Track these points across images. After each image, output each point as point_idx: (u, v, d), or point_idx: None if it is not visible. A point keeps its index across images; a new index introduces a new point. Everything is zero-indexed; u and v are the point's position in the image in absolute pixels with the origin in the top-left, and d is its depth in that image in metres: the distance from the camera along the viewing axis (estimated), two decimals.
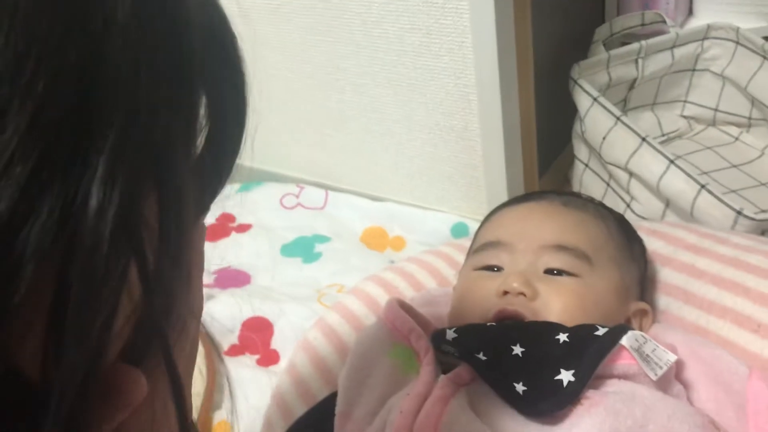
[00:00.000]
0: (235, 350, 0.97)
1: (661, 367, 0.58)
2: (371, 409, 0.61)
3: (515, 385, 0.56)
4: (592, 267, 0.66)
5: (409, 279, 0.86)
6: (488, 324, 0.62)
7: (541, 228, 0.69)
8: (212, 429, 0.89)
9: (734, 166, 1.23)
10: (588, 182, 1.18)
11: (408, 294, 0.85)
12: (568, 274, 0.65)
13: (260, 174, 1.36)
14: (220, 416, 0.90)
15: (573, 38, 1.24)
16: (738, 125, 1.29)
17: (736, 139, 1.29)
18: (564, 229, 0.68)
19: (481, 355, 0.58)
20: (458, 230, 1.11)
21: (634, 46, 1.20)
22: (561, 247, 0.66)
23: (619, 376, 0.59)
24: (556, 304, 0.63)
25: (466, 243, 0.91)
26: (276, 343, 0.96)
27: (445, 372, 0.61)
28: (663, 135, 1.32)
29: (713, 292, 0.72)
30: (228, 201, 1.16)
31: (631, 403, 0.55)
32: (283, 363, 0.94)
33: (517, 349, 0.59)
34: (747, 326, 0.67)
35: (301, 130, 1.24)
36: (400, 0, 0.97)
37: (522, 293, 0.63)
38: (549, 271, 0.66)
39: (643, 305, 0.70)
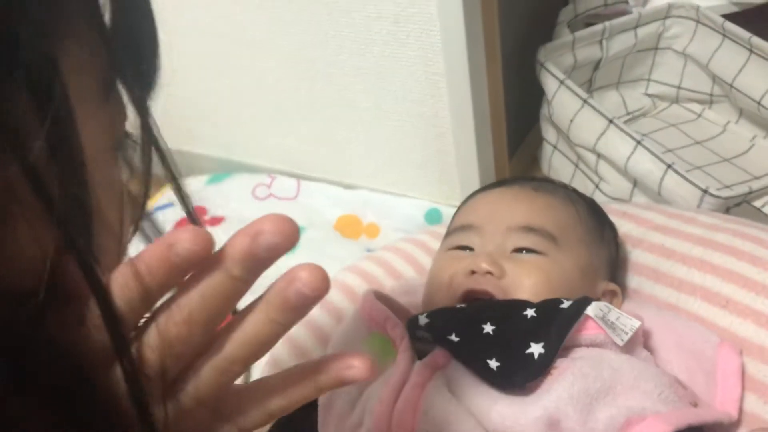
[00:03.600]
0: None
1: (626, 333, 0.60)
2: (351, 398, 0.62)
3: (488, 361, 0.58)
4: (558, 246, 0.68)
5: (386, 267, 0.87)
6: (458, 306, 0.64)
7: (510, 211, 0.71)
8: None
9: (698, 142, 1.25)
10: (557, 164, 1.20)
11: (386, 283, 0.86)
12: (535, 252, 0.67)
13: (230, 165, 1.35)
14: None
15: (538, 20, 1.25)
16: (700, 102, 1.32)
17: (699, 115, 1.31)
18: (532, 211, 0.70)
19: (453, 337, 0.60)
20: (432, 216, 1.13)
21: (598, 27, 1.21)
22: (528, 228, 0.68)
23: (587, 345, 0.61)
24: (524, 282, 0.65)
25: (442, 230, 0.92)
26: None
27: (421, 358, 0.62)
28: (628, 114, 1.34)
29: (683, 270, 0.74)
30: (199, 194, 1.16)
31: (599, 366, 0.57)
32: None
33: (488, 328, 0.60)
34: (716, 302, 0.70)
35: (271, 121, 1.24)
36: None
37: (489, 272, 0.65)
38: (516, 251, 0.67)
39: (612, 286, 0.72)
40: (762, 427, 0.60)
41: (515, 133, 1.24)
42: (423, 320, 0.62)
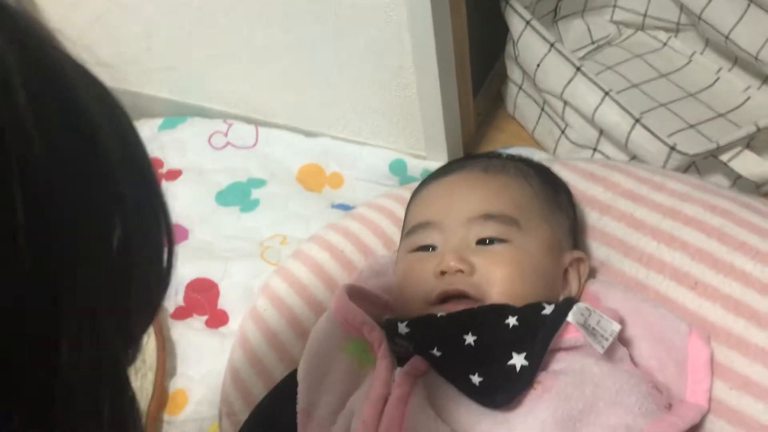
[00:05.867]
0: (182, 312, 0.96)
1: (606, 339, 0.61)
2: (333, 408, 0.62)
3: (471, 377, 0.58)
4: (520, 229, 0.67)
5: (354, 241, 0.86)
6: (439, 315, 0.63)
7: (465, 201, 0.69)
8: (169, 398, 0.89)
9: (663, 75, 1.23)
10: (522, 105, 1.17)
11: (355, 258, 0.84)
12: (499, 240, 0.67)
13: (184, 108, 1.29)
14: (175, 385, 0.90)
15: None
16: (666, 30, 1.29)
17: (665, 44, 1.29)
18: (487, 197, 0.69)
19: (435, 351, 0.60)
20: (396, 167, 1.10)
21: None
22: (488, 216, 0.67)
23: (568, 349, 0.61)
24: (495, 275, 0.65)
25: (407, 194, 0.90)
26: (223, 303, 0.96)
27: (400, 358, 0.62)
28: (593, 43, 1.30)
29: (652, 245, 0.74)
30: (153, 142, 1.11)
31: (581, 384, 0.58)
32: (232, 323, 0.94)
33: (469, 338, 0.60)
34: (685, 283, 0.70)
35: (226, 64, 1.17)
36: None
37: (460, 270, 0.64)
38: (481, 242, 0.67)
39: (577, 254, 0.72)
40: None
41: (479, 68, 1.19)
42: (403, 329, 0.61)
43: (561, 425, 0.55)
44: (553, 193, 0.74)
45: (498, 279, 0.65)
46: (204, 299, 0.96)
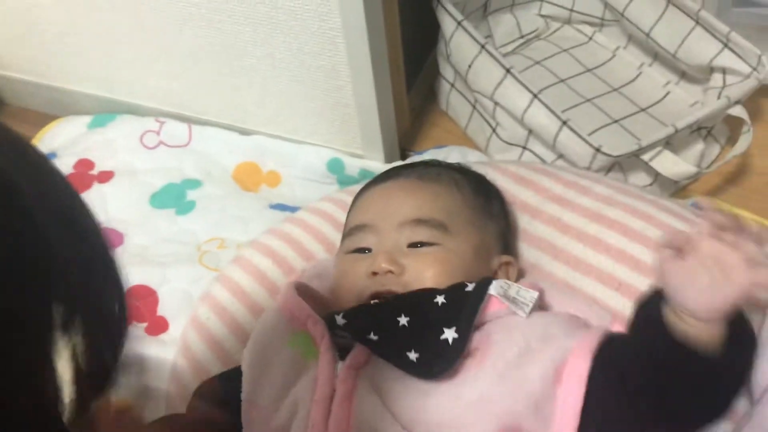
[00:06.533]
0: None
1: (527, 305, 0.65)
2: (276, 395, 0.65)
3: (408, 354, 0.62)
4: (449, 233, 0.72)
5: (296, 247, 0.87)
6: (372, 302, 0.67)
7: (400, 206, 0.74)
8: (111, 408, 0.89)
9: (589, 70, 1.28)
10: (455, 102, 1.20)
11: (297, 264, 0.86)
12: (429, 244, 0.71)
13: (113, 105, 1.27)
14: (117, 394, 0.90)
15: None
16: (591, 24, 1.33)
17: (590, 38, 1.33)
18: (420, 203, 0.73)
19: (372, 335, 0.63)
20: (334, 166, 1.11)
21: None
22: (419, 221, 0.72)
23: (495, 319, 0.65)
24: (424, 274, 0.69)
25: (347, 198, 0.92)
26: (162, 309, 0.95)
27: (342, 349, 0.65)
28: (522, 37, 1.33)
29: (579, 248, 0.78)
30: (84, 141, 1.10)
31: (510, 335, 0.63)
32: (172, 330, 0.94)
33: (403, 320, 0.64)
34: (609, 284, 0.75)
35: (155, 63, 1.15)
36: None
37: (390, 271, 0.68)
38: (412, 245, 0.71)
39: (506, 258, 0.76)
40: None
41: (412, 64, 1.21)
42: (340, 320, 0.65)
43: (505, 375, 0.59)
44: (485, 201, 0.78)
45: (427, 278, 0.69)
46: (143, 306, 0.95)
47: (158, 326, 0.95)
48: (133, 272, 0.97)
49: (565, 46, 1.32)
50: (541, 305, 0.69)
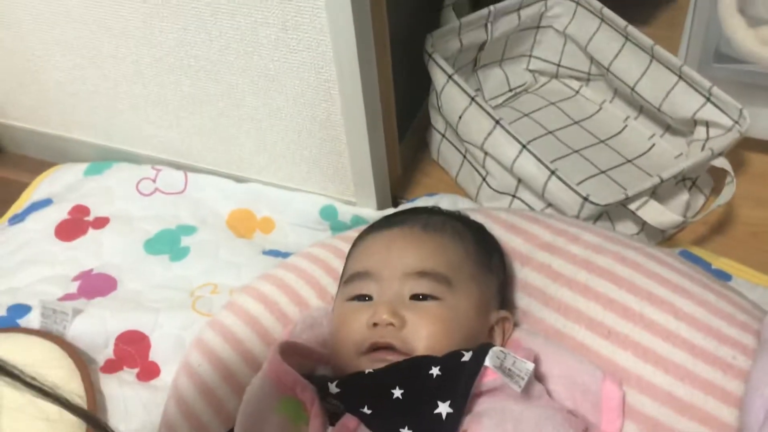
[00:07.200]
0: (112, 365, 0.96)
1: (522, 378, 0.65)
2: None
3: (401, 431, 0.61)
4: (452, 288, 0.72)
5: (288, 292, 0.88)
6: (367, 372, 0.66)
7: (403, 256, 0.74)
8: None
9: (576, 122, 1.31)
10: (446, 152, 1.22)
11: (289, 310, 0.86)
12: (432, 298, 0.71)
13: (110, 152, 1.29)
14: None
15: (425, 8, 1.24)
16: (578, 79, 1.37)
17: (577, 92, 1.37)
18: (424, 255, 0.74)
19: (365, 409, 0.63)
20: (327, 213, 1.13)
21: (483, 11, 1.22)
22: (423, 273, 0.72)
23: (488, 391, 0.66)
24: (423, 331, 0.69)
25: (340, 244, 0.93)
26: (154, 355, 0.96)
27: (332, 415, 0.65)
28: (510, 90, 1.37)
29: (568, 295, 0.80)
30: (79, 189, 1.11)
31: (503, 422, 0.62)
32: (164, 375, 0.94)
33: (397, 392, 0.64)
34: (599, 332, 0.76)
35: (152, 112, 1.18)
36: None
37: (391, 323, 0.68)
38: (414, 297, 0.71)
39: (503, 313, 0.77)
40: None
41: (404, 114, 1.24)
42: (334, 389, 0.64)
43: None
44: (486, 254, 0.79)
45: (424, 335, 0.69)
46: (135, 351, 0.95)
47: (150, 372, 0.95)
48: (125, 317, 0.97)
49: (553, 99, 1.36)
50: (536, 374, 0.69)
